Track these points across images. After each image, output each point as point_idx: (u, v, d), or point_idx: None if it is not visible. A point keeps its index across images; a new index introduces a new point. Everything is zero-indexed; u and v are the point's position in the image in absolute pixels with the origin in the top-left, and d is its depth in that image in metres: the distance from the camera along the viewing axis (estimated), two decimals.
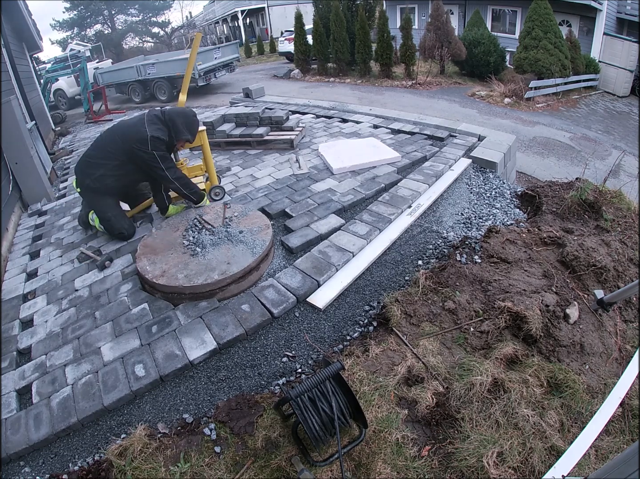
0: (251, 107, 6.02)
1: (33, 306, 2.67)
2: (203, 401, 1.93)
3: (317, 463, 1.55)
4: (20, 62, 7.08)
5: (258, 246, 2.59)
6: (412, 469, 1.56)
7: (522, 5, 12.91)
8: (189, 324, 2.24)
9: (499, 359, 1.96)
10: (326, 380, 1.58)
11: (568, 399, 1.83)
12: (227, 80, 13.10)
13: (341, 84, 11.95)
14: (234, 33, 28.52)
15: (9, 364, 2.22)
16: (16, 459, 1.77)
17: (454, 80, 11.99)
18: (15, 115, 3.90)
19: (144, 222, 3.44)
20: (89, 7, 27.48)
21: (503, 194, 3.81)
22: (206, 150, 3.44)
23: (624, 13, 12.70)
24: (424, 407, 1.77)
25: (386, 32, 11.19)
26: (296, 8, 13.87)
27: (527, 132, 7.99)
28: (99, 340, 2.24)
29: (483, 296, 2.33)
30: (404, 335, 2.13)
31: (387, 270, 2.67)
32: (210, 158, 3.51)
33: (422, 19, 16.07)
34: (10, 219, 3.91)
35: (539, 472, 1.54)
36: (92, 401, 1.88)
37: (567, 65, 10.54)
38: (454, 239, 2.99)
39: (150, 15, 31.32)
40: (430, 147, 4.39)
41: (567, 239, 2.74)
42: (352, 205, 3.30)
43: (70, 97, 13.28)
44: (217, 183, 3.65)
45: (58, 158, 6.50)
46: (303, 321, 2.29)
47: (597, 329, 2.26)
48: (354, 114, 6.04)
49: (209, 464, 1.63)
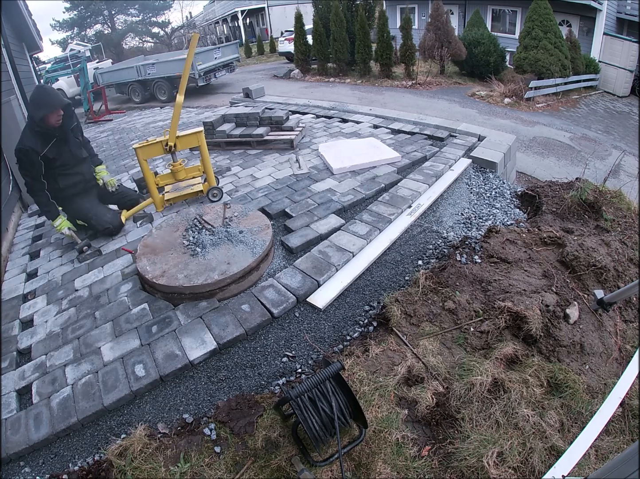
0: (251, 107, 6.02)
1: (33, 306, 2.67)
2: (203, 401, 1.93)
3: (317, 463, 1.54)
4: (20, 62, 7.07)
5: (258, 246, 2.59)
6: (412, 469, 1.56)
7: (522, 5, 12.91)
8: (189, 324, 2.24)
9: (499, 359, 1.96)
10: (326, 380, 1.58)
11: (568, 399, 1.83)
12: (227, 80, 13.10)
13: (341, 84, 11.95)
14: (234, 33, 28.53)
15: (9, 364, 2.22)
16: (16, 459, 1.77)
17: (454, 80, 11.99)
18: (15, 115, 3.91)
19: (144, 222, 3.44)
20: (89, 7, 27.47)
21: (503, 194, 3.81)
22: (204, 151, 3.44)
23: (624, 13, 12.70)
24: (424, 407, 1.77)
25: (386, 32, 11.19)
26: (296, 8, 13.85)
27: (527, 132, 7.99)
28: (99, 340, 2.24)
29: (483, 296, 2.33)
30: (404, 335, 2.13)
31: (387, 270, 2.67)
32: (208, 159, 3.52)
33: (422, 19, 16.07)
34: (10, 219, 3.91)
35: (539, 472, 1.54)
36: (92, 401, 1.88)
37: (567, 65, 10.54)
38: (454, 239, 2.99)
39: (150, 15, 31.32)
40: (430, 147, 4.38)
41: (567, 239, 2.73)
42: (352, 205, 3.30)
43: (70, 97, 13.27)
44: (215, 184, 3.66)
45: None
46: (303, 321, 2.29)
47: (597, 329, 2.26)
48: (354, 114, 6.04)
49: (209, 464, 1.63)
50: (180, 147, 3.41)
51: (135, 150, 3.24)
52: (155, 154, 3.41)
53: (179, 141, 3.37)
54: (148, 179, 3.39)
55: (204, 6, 35.64)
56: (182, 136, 3.38)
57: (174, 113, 3.27)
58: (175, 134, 3.31)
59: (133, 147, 3.31)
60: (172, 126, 3.27)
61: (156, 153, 3.38)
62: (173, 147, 3.32)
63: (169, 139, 3.30)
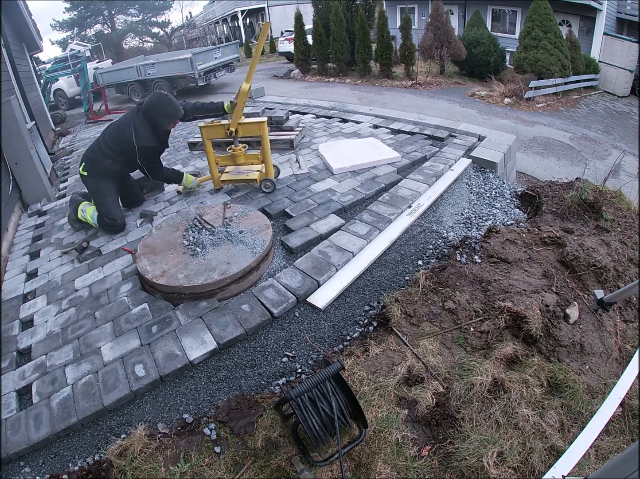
0: (251, 107, 6.01)
1: (33, 306, 2.67)
2: (203, 401, 1.93)
3: (317, 463, 1.54)
4: (20, 62, 7.08)
5: (258, 246, 2.59)
6: (412, 469, 1.56)
7: (522, 5, 12.92)
8: (189, 324, 2.24)
9: (499, 359, 1.96)
10: (326, 380, 1.58)
11: (568, 399, 1.83)
12: (227, 80, 13.09)
13: (341, 84, 11.96)
14: (234, 33, 28.55)
15: (9, 364, 2.22)
16: (16, 459, 1.77)
17: (454, 80, 12.00)
18: (15, 115, 3.90)
19: (144, 222, 3.44)
20: (89, 7, 27.49)
21: (503, 194, 3.81)
22: (265, 141, 3.44)
23: (624, 13, 12.71)
24: (424, 407, 1.77)
25: (386, 32, 11.19)
26: (296, 8, 13.85)
27: (527, 132, 7.99)
28: (99, 340, 2.24)
29: (483, 296, 2.33)
30: (404, 335, 2.13)
31: (387, 270, 2.67)
32: (269, 150, 3.54)
33: (422, 19, 16.08)
34: (10, 219, 3.91)
35: (539, 472, 1.54)
36: (92, 401, 1.88)
37: (567, 65, 10.55)
38: (454, 239, 2.99)
39: (150, 16, 31.34)
40: (430, 147, 4.38)
41: (567, 239, 2.73)
42: (352, 205, 3.30)
43: (70, 97, 13.29)
44: (272, 176, 3.66)
45: (58, 158, 6.50)
46: (303, 321, 2.29)
47: (597, 329, 2.26)
48: (354, 114, 6.04)
49: (209, 464, 1.63)
50: (242, 133, 3.45)
51: (200, 129, 3.44)
52: (217, 136, 3.53)
53: (241, 128, 3.41)
54: (209, 156, 3.57)
55: (204, 6, 35.69)
56: (245, 123, 3.42)
57: (239, 99, 3.28)
58: (237, 120, 3.34)
59: (198, 126, 3.52)
60: (235, 112, 3.30)
61: (218, 135, 3.49)
62: (234, 132, 3.39)
63: (231, 125, 3.35)
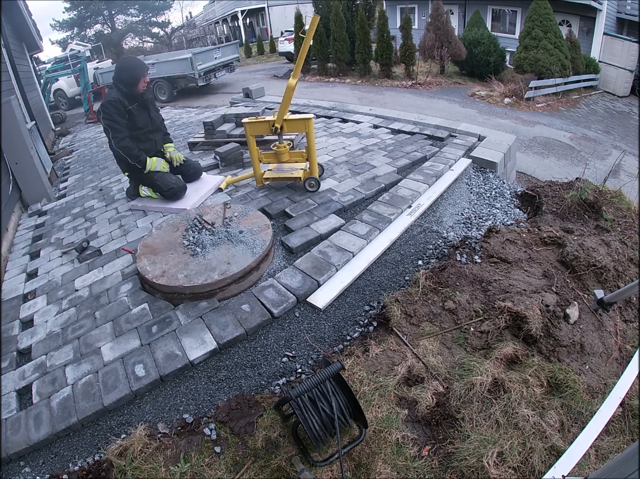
0: (251, 107, 6.02)
1: (33, 306, 2.67)
2: (203, 401, 1.93)
3: (317, 463, 1.54)
4: (20, 62, 7.08)
5: (258, 246, 2.59)
6: (412, 469, 1.56)
7: (522, 5, 12.91)
8: (189, 324, 2.24)
9: (499, 359, 1.96)
10: (326, 380, 1.58)
11: (568, 399, 1.83)
12: (227, 80, 13.10)
13: (341, 84, 11.96)
14: (234, 33, 28.55)
15: (9, 364, 2.22)
16: (16, 459, 1.77)
17: (454, 80, 12.00)
18: (15, 115, 3.90)
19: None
20: (89, 7, 27.49)
21: (503, 194, 3.81)
22: (310, 138, 3.33)
23: (624, 13, 12.70)
24: (424, 407, 1.77)
25: (386, 32, 11.20)
26: (296, 8, 13.85)
27: (527, 132, 7.99)
28: (99, 340, 2.24)
29: (483, 296, 2.33)
30: (404, 335, 2.13)
31: (387, 270, 2.67)
32: (314, 147, 3.42)
33: (422, 19, 16.07)
34: (10, 219, 3.91)
35: (539, 472, 1.54)
36: (92, 401, 1.88)
37: (567, 65, 10.55)
38: (454, 239, 2.99)
39: (150, 16, 31.32)
40: (430, 147, 4.38)
41: (567, 239, 2.73)
42: (352, 205, 3.30)
43: (70, 97, 13.31)
44: (317, 175, 3.56)
45: (58, 158, 6.50)
46: (303, 321, 2.29)
47: (597, 329, 2.26)
48: (354, 114, 6.04)
49: (209, 464, 1.63)
50: (288, 130, 3.35)
51: (245, 124, 3.37)
52: (261, 132, 3.48)
53: (287, 124, 3.32)
54: (252, 153, 3.50)
55: (204, 6, 35.71)
56: (291, 119, 3.31)
57: (285, 95, 3.22)
58: (282, 116, 3.27)
59: (242, 121, 3.42)
60: (280, 108, 3.24)
61: (262, 131, 3.44)
62: (279, 128, 3.31)
63: (276, 121, 3.28)
